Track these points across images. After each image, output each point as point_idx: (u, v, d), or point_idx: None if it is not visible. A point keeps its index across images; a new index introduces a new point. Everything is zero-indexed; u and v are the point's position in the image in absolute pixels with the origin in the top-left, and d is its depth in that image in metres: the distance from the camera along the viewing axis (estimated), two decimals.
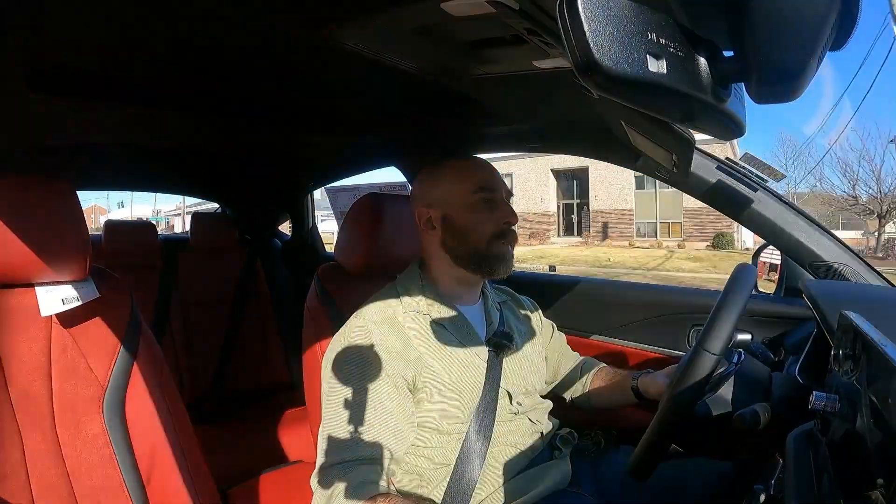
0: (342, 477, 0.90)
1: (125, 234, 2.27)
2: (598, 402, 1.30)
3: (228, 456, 1.71)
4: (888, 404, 0.49)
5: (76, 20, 0.95)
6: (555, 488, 1.07)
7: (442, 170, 1.14)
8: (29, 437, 0.90)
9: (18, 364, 0.92)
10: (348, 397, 0.95)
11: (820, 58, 0.40)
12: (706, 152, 1.29)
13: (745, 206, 1.29)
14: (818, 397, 0.64)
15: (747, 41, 0.40)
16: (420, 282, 1.12)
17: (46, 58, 1.12)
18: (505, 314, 1.21)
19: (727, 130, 0.51)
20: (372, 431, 0.94)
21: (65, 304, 0.96)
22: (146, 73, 1.26)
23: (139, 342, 1.02)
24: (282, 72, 1.25)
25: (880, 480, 0.46)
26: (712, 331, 0.91)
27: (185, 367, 2.21)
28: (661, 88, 0.39)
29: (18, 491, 0.87)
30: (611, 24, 0.36)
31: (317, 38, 0.92)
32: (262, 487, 1.36)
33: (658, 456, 0.92)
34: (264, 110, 1.58)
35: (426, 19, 0.80)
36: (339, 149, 2.07)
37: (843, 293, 1.13)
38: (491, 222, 1.08)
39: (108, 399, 0.96)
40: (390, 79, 1.21)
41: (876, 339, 0.55)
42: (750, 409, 0.89)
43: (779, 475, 0.79)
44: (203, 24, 0.98)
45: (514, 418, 1.10)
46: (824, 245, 1.27)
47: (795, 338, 1.23)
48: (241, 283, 2.42)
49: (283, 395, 2.32)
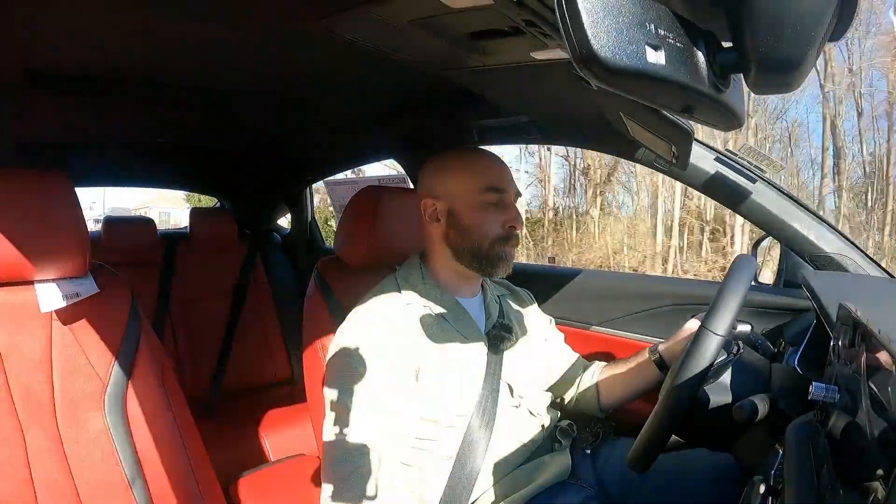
0: (346, 472, 0.91)
1: (125, 230, 2.27)
2: (610, 393, 1.26)
3: (230, 450, 1.72)
4: (888, 395, 0.49)
5: (75, 17, 0.95)
6: (555, 480, 1.08)
7: (452, 162, 1.12)
8: (30, 434, 0.91)
9: (19, 361, 0.92)
10: (351, 393, 0.95)
11: (819, 48, 0.39)
12: (705, 143, 1.29)
13: (744, 198, 1.29)
14: (818, 388, 0.64)
15: (746, 32, 0.40)
16: (420, 274, 1.12)
17: (45, 55, 1.11)
18: (504, 307, 1.21)
19: (726, 121, 0.51)
20: (375, 426, 0.94)
21: (65, 301, 0.96)
22: (144, 69, 1.26)
23: (140, 337, 1.02)
24: (280, 65, 1.24)
25: (880, 471, 0.46)
26: (716, 312, 0.90)
27: (185, 362, 2.22)
28: (659, 80, 0.39)
29: (20, 488, 0.88)
30: (609, 15, 0.36)
31: (315, 31, 0.92)
32: (264, 481, 1.37)
33: (658, 447, 0.92)
34: (263, 104, 1.58)
35: (424, 11, 0.80)
36: (339, 142, 2.07)
37: (843, 284, 1.13)
38: (496, 224, 1.07)
39: (109, 395, 0.96)
40: (389, 71, 1.20)
41: (875, 330, 0.55)
42: (749, 401, 0.89)
43: (778, 466, 0.79)
44: (201, 19, 0.98)
45: (515, 411, 1.11)
46: (824, 236, 1.26)
47: (795, 329, 1.23)
48: (241, 278, 2.42)
49: (283, 389, 2.33)
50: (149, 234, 2.31)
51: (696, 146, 1.26)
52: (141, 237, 2.28)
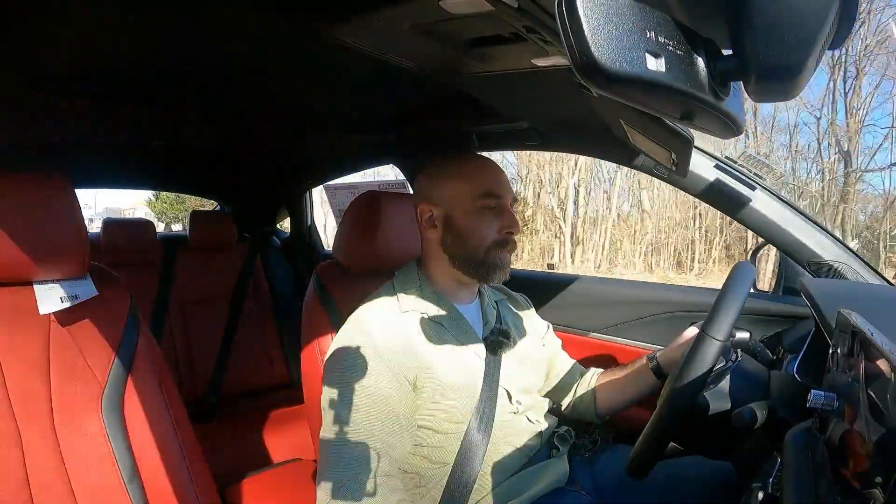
0: (343, 479, 0.90)
1: (124, 232, 2.27)
2: (607, 399, 1.25)
3: (227, 454, 1.72)
4: (886, 402, 0.49)
5: (75, 20, 0.95)
6: (552, 487, 1.07)
7: (449, 168, 1.12)
8: (28, 436, 0.90)
9: (17, 362, 0.92)
10: (349, 400, 0.95)
11: (819, 56, 0.40)
12: (705, 150, 1.29)
13: (744, 205, 1.29)
14: (816, 396, 0.64)
15: (746, 40, 0.40)
16: (418, 280, 1.12)
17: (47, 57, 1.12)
18: (502, 313, 1.21)
19: (726, 129, 0.51)
20: (373, 433, 0.93)
21: (63, 303, 0.96)
22: (144, 72, 1.26)
23: (138, 340, 1.02)
24: (280, 69, 1.25)
25: (879, 479, 0.46)
26: (716, 317, 0.90)
27: (183, 365, 2.21)
28: (659, 87, 0.39)
29: (17, 490, 0.87)
30: (610, 22, 0.36)
31: (315, 36, 0.92)
32: (261, 485, 1.37)
33: (657, 453, 0.92)
34: (263, 108, 1.58)
35: (424, 17, 0.80)
36: (339, 147, 2.07)
37: (842, 292, 1.13)
38: (493, 230, 1.07)
39: (106, 397, 0.96)
40: (389, 76, 1.20)
41: (874, 337, 0.55)
42: (748, 408, 0.88)
43: (777, 473, 0.79)
44: (201, 23, 0.98)
45: (513, 417, 1.10)
46: (823, 243, 1.26)
47: (794, 336, 1.23)
48: (240, 281, 2.42)
49: (281, 393, 2.32)
50: (148, 236, 2.30)
51: (696, 153, 1.27)
52: (140, 239, 2.27)
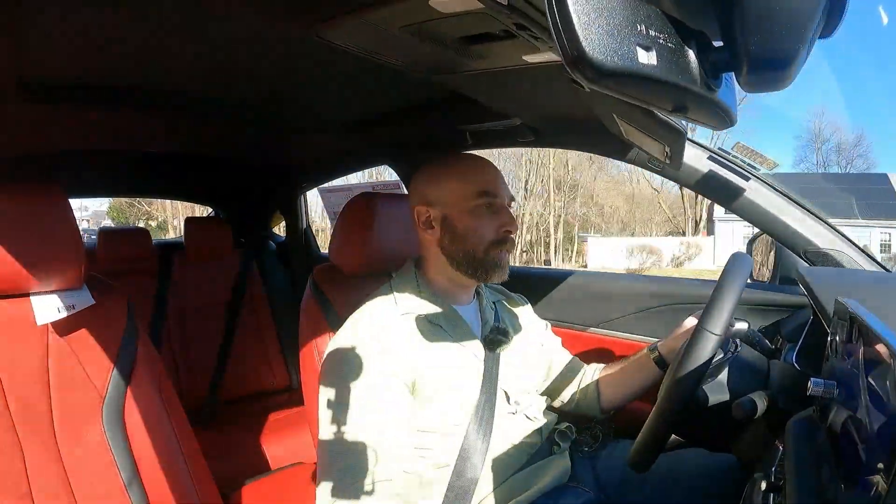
0: (342, 480, 0.90)
1: (120, 241, 2.27)
2: (611, 393, 1.25)
3: (228, 459, 1.71)
4: (886, 389, 0.49)
5: (66, 27, 0.94)
6: (554, 484, 1.08)
7: (445, 168, 1.12)
8: (29, 447, 0.90)
9: (16, 374, 0.92)
10: (347, 403, 0.95)
11: (810, 46, 0.40)
12: (698, 142, 1.30)
13: (738, 195, 1.30)
14: (816, 384, 0.64)
15: (737, 31, 0.40)
16: (416, 281, 1.11)
17: (37, 65, 1.11)
18: (500, 312, 1.21)
19: (718, 120, 0.51)
20: (372, 436, 0.93)
21: (60, 313, 0.95)
22: (136, 79, 1.25)
23: (137, 348, 1.02)
24: (272, 72, 1.24)
25: (880, 465, 0.46)
26: (712, 311, 0.90)
27: (183, 372, 2.21)
28: (651, 80, 0.39)
29: (20, 501, 0.87)
30: (600, 16, 0.36)
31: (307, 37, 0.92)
32: (263, 490, 1.36)
33: (659, 446, 0.92)
34: (256, 112, 1.57)
35: (416, 16, 0.80)
36: (332, 148, 2.07)
37: (839, 280, 1.14)
38: (490, 229, 1.07)
39: (107, 406, 0.96)
40: (381, 77, 1.20)
41: (872, 324, 0.55)
42: (748, 398, 0.89)
43: (779, 462, 0.79)
44: (193, 28, 0.97)
45: (513, 417, 1.10)
46: (819, 232, 1.27)
47: (792, 325, 1.23)
48: (237, 286, 2.42)
49: (281, 397, 2.32)
50: (144, 244, 2.30)
51: (690, 146, 1.27)
52: (136, 248, 2.27)
